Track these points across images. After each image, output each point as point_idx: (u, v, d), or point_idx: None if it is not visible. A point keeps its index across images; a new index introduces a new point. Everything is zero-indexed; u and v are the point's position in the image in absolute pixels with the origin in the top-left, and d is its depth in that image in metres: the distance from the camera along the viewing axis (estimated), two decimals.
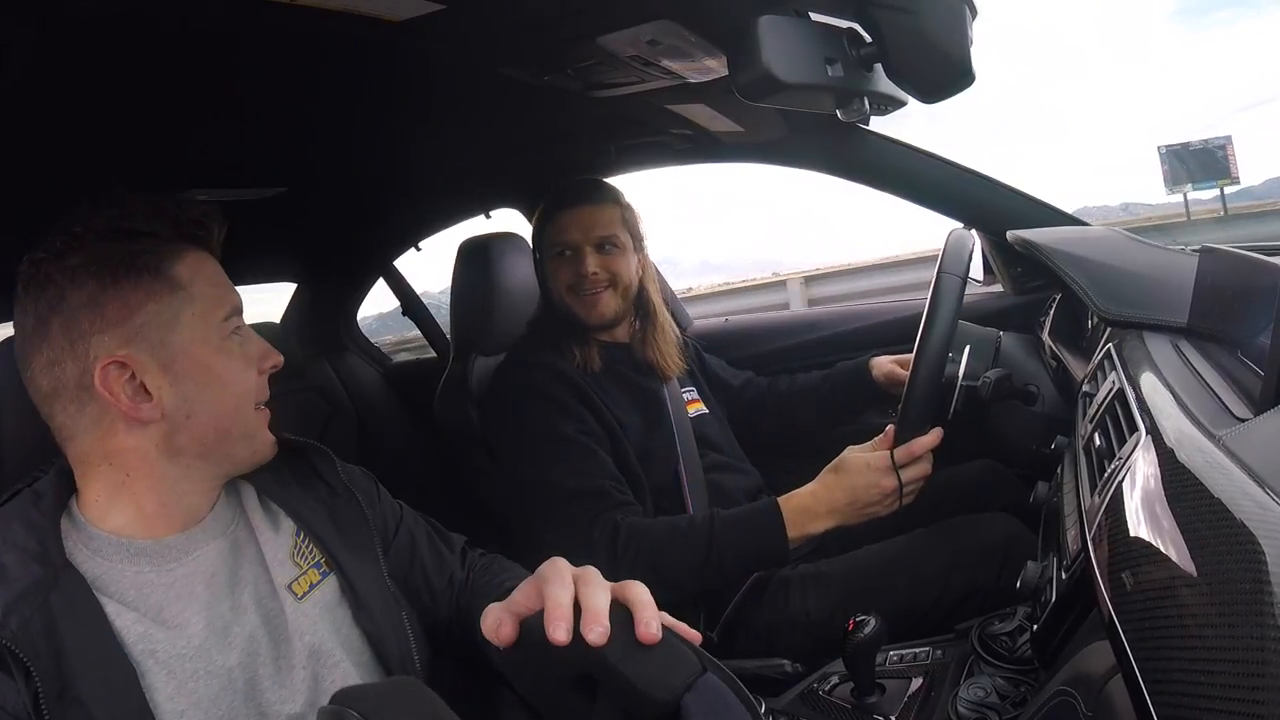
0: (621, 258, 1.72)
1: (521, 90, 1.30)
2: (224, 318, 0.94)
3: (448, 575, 1.16)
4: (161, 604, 0.87)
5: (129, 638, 0.84)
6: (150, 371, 0.88)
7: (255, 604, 0.94)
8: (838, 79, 0.94)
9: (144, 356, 0.88)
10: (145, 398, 0.88)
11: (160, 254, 0.90)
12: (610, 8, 1.02)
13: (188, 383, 0.90)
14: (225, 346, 0.94)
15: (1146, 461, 0.74)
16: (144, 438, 0.89)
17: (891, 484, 1.39)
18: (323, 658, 0.95)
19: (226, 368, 0.94)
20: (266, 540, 1.00)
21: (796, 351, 2.27)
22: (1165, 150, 5.53)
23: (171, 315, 0.90)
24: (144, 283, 0.88)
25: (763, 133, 1.84)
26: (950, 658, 1.27)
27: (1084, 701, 0.72)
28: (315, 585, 1.00)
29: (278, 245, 2.43)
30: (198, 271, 0.93)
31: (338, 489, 1.09)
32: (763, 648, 1.50)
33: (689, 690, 0.63)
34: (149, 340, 0.88)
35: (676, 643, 0.67)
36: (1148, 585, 0.61)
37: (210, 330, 0.93)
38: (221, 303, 0.94)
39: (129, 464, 0.90)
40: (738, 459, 1.83)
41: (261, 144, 1.50)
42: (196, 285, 0.92)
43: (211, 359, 0.92)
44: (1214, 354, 1.01)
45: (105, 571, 0.86)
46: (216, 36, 0.98)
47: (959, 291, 1.39)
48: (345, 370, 2.83)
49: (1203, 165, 5.91)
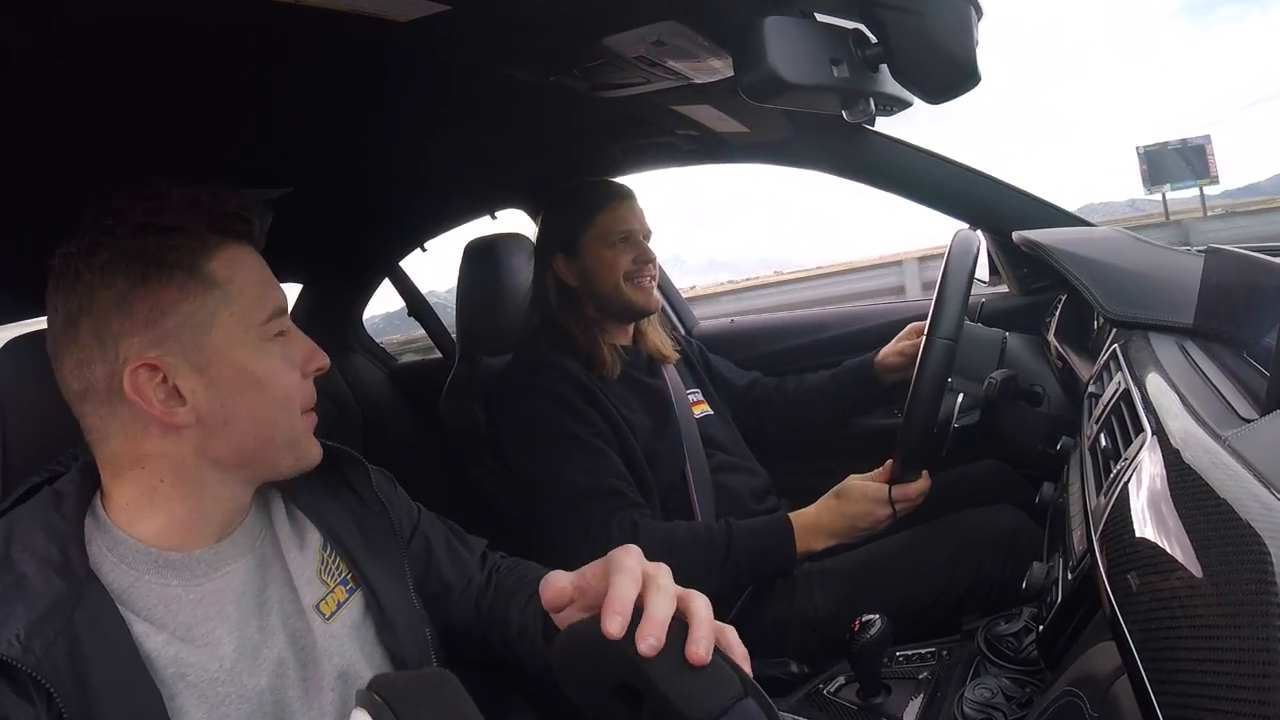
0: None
1: (527, 91, 1.30)
2: (265, 319, 0.88)
3: (466, 579, 1.12)
4: (190, 622, 0.84)
5: (160, 661, 0.80)
6: (184, 375, 0.83)
7: (282, 625, 0.91)
8: (843, 80, 0.94)
9: (176, 359, 0.83)
10: (179, 402, 0.83)
11: (195, 250, 0.85)
12: (616, 9, 1.02)
13: (225, 387, 0.85)
14: (266, 349, 0.88)
15: (1152, 462, 0.74)
16: (179, 443, 0.85)
17: (885, 514, 1.49)
18: (350, 679, 0.93)
19: (267, 371, 0.88)
20: (293, 558, 0.96)
21: (802, 352, 2.27)
22: (1143, 150, 5.49)
23: (207, 315, 0.84)
24: (177, 280, 0.83)
25: (768, 133, 1.84)
26: (956, 658, 1.27)
27: (1090, 702, 0.72)
28: (343, 604, 0.96)
29: (283, 246, 2.37)
30: (236, 268, 0.87)
31: (368, 500, 1.05)
32: (770, 647, 1.50)
33: (725, 714, 0.62)
34: (182, 342, 0.83)
35: (721, 663, 0.66)
36: (1153, 586, 0.61)
37: (249, 332, 0.87)
38: (263, 302, 0.89)
39: (162, 470, 0.85)
40: (744, 459, 1.83)
41: (267, 145, 1.50)
42: (235, 283, 0.87)
43: (250, 362, 0.87)
44: (1220, 355, 1.01)
45: (132, 584, 0.82)
46: (222, 38, 0.98)
47: (949, 356, 1.42)
48: (351, 371, 2.83)
49: (1182, 165, 5.88)
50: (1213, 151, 5.20)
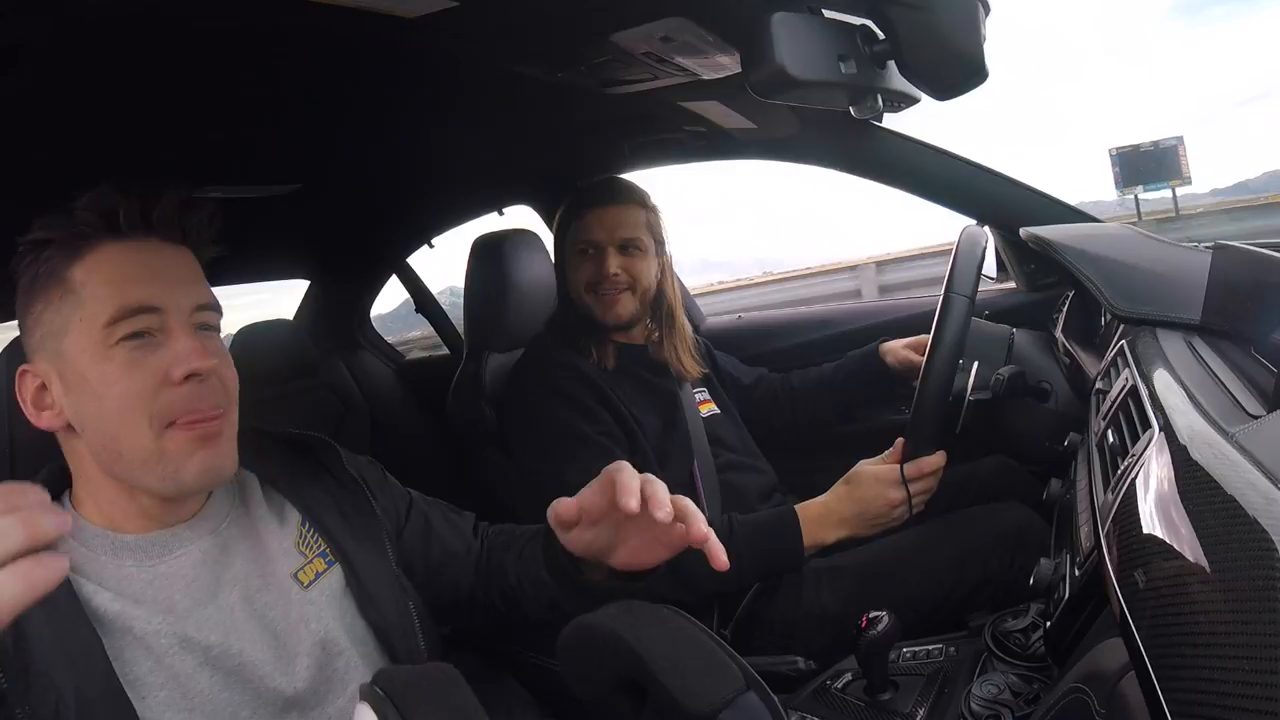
0: (643, 260, 1.74)
1: (535, 87, 1.30)
2: (106, 321, 0.85)
3: (465, 545, 1.17)
4: (139, 594, 0.87)
5: (105, 614, 0.83)
6: (51, 380, 0.88)
7: (244, 602, 0.93)
8: (851, 76, 0.94)
9: (44, 365, 0.88)
10: (45, 405, 0.88)
11: (57, 259, 0.87)
12: (624, 5, 1.02)
13: (73, 394, 0.87)
14: (107, 354, 0.85)
15: (1160, 458, 0.74)
16: (78, 444, 0.89)
17: (900, 496, 1.43)
18: (328, 646, 0.95)
19: (101, 378, 0.85)
20: (269, 531, 0.99)
21: (810, 348, 2.27)
22: (1116, 153, 5.47)
23: (63, 322, 0.86)
24: (43, 291, 0.88)
25: (776, 129, 1.84)
26: (964, 655, 1.26)
27: (1097, 699, 0.72)
28: (321, 574, 1.00)
29: (291, 242, 2.44)
30: (94, 270, 0.87)
31: (345, 481, 1.08)
32: (778, 644, 1.51)
33: (727, 707, 0.62)
34: (46, 349, 0.88)
35: (723, 657, 0.67)
36: (1161, 582, 0.61)
37: (92, 335, 0.85)
38: (107, 303, 0.86)
39: (82, 468, 0.91)
40: (751, 457, 1.83)
41: (275, 141, 1.50)
42: (89, 287, 0.86)
43: (88, 368, 0.85)
44: (1227, 351, 1.01)
45: (87, 560, 0.86)
46: (229, 34, 0.99)
47: (967, 311, 1.40)
48: (359, 367, 2.84)
49: (1154, 167, 5.86)
50: (1185, 153, 5.16)
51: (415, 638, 1.03)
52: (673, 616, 0.71)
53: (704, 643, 0.70)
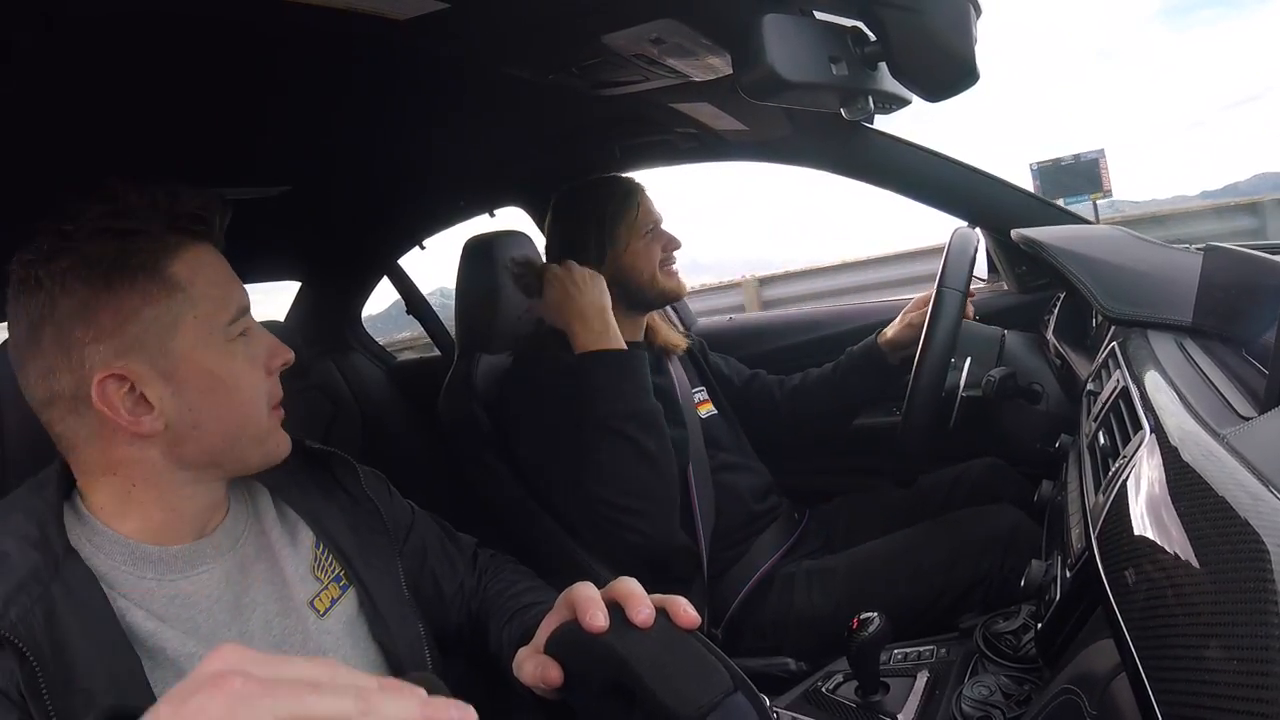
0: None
1: (526, 89, 1.30)
2: (229, 319, 0.87)
3: (458, 581, 1.14)
4: (163, 612, 0.83)
5: (140, 632, 0.80)
6: (151, 383, 0.82)
7: (264, 628, 0.90)
8: (842, 78, 0.94)
9: (143, 367, 0.81)
10: (146, 410, 0.82)
11: (156, 252, 0.83)
12: (614, 7, 1.02)
13: (191, 392, 0.84)
14: (230, 350, 0.87)
15: (1151, 460, 0.74)
16: (148, 448, 0.84)
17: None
18: None
19: (233, 373, 0.86)
20: (284, 555, 0.96)
21: (801, 350, 2.27)
22: (1036, 167, 5.55)
23: (171, 320, 0.82)
24: (139, 285, 0.81)
25: (767, 131, 1.83)
26: (954, 656, 1.27)
27: (1088, 700, 0.72)
28: (336, 600, 0.97)
29: (282, 244, 2.43)
30: (199, 269, 0.85)
31: (359, 498, 1.06)
32: (768, 645, 1.51)
33: (714, 710, 0.62)
34: (148, 349, 0.81)
35: (710, 659, 0.67)
36: (1152, 583, 0.61)
37: (214, 334, 0.85)
38: (226, 303, 0.87)
39: (134, 475, 0.85)
40: (746, 458, 1.83)
41: (266, 142, 1.50)
42: (198, 285, 0.84)
43: (216, 365, 0.85)
44: (1218, 352, 1.01)
45: (110, 570, 0.82)
46: (220, 35, 0.99)
47: (959, 304, 1.40)
48: (349, 369, 2.83)
49: (1075, 180, 5.94)
50: (1106, 165, 5.23)
51: (424, 658, 1.00)
52: (660, 618, 0.70)
53: (690, 644, 0.70)
